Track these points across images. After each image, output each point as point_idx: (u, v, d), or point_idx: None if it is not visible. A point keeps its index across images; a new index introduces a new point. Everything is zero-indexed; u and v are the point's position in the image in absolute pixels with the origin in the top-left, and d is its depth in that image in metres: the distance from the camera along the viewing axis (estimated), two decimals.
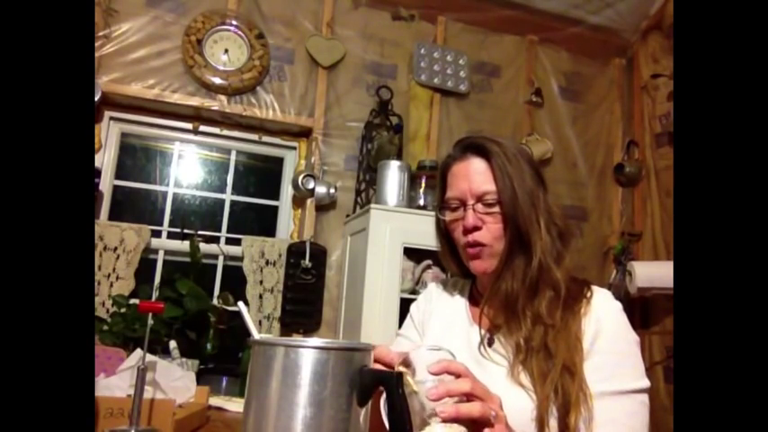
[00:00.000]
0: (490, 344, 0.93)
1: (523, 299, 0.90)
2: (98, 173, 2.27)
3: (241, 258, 2.38)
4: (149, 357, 1.24)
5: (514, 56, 2.93)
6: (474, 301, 1.04)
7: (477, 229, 0.93)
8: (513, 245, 0.91)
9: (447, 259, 1.05)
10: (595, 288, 0.93)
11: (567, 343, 0.84)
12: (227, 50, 2.41)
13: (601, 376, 0.83)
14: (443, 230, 1.02)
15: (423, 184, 2.34)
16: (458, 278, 1.11)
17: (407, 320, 1.13)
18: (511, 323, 0.91)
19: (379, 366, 0.76)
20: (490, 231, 0.93)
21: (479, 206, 0.93)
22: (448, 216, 0.98)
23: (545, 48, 2.99)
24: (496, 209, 0.92)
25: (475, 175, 0.94)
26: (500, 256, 0.92)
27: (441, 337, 1.02)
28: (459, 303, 1.06)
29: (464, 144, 1.00)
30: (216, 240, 2.47)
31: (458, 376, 0.66)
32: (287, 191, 2.59)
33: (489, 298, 0.95)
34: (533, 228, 0.90)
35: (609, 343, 0.86)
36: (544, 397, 0.81)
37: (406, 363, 0.73)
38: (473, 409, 0.64)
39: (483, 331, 0.95)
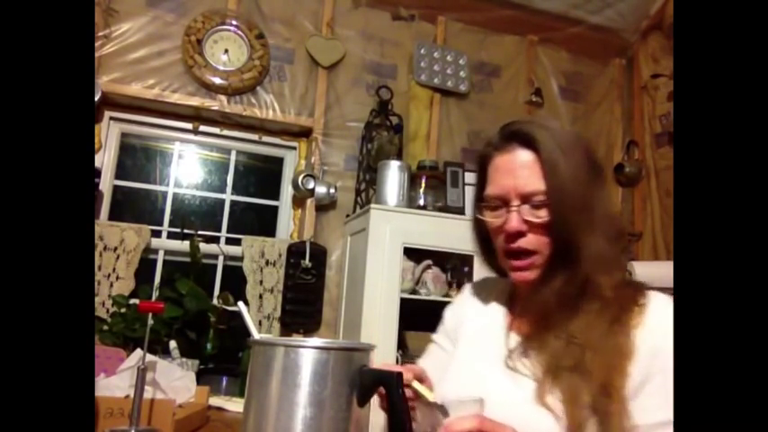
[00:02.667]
0: (525, 355, 0.81)
1: (560, 313, 0.79)
2: (98, 173, 2.27)
3: (241, 258, 2.38)
4: (149, 357, 1.24)
5: (514, 56, 2.93)
6: (514, 304, 0.93)
7: (521, 234, 0.80)
8: (558, 252, 0.79)
9: (484, 258, 0.94)
10: (652, 294, 0.79)
11: (606, 361, 0.73)
12: (227, 50, 2.41)
13: (662, 401, 0.69)
14: (480, 229, 0.90)
15: (423, 184, 2.34)
16: (498, 277, 0.98)
17: (440, 326, 1.03)
18: (544, 338, 0.80)
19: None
20: (537, 237, 0.80)
21: (525, 208, 0.80)
22: (487, 216, 0.85)
23: (545, 48, 2.98)
24: (545, 211, 0.79)
25: (521, 171, 0.80)
26: (544, 263, 0.81)
27: (473, 344, 0.93)
28: (497, 307, 0.94)
29: (509, 131, 0.85)
30: (216, 240, 2.47)
31: None
32: (287, 191, 2.59)
33: (524, 308, 0.86)
34: (584, 232, 0.77)
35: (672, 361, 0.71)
36: (575, 424, 0.70)
37: (420, 379, 0.73)
38: None
39: (519, 339, 0.84)
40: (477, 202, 0.88)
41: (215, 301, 2.28)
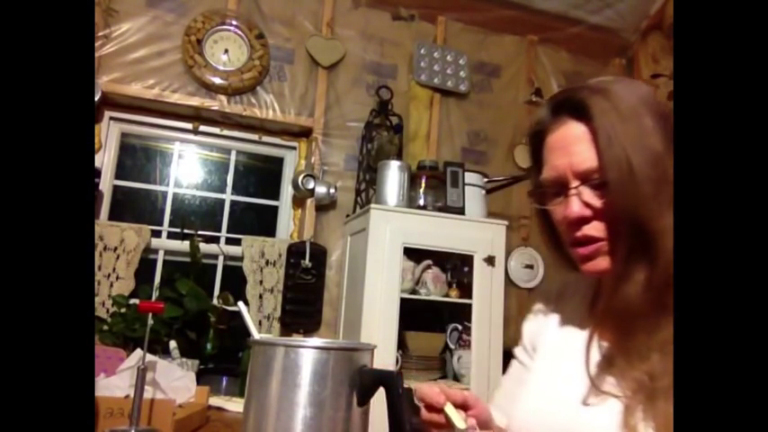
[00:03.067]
0: (610, 369, 0.68)
1: (648, 315, 0.65)
2: (98, 173, 2.27)
3: (241, 258, 2.38)
4: (149, 357, 1.24)
5: (514, 56, 2.93)
6: (596, 305, 0.80)
7: (585, 221, 0.69)
8: (630, 241, 0.65)
9: (554, 253, 0.80)
10: None
11: None
12: (227, 50, 2.41)
13: None
14: (545, 222, 0.78)
15: (423, 184, 2.34)
16: (580, 276, 0.83)
17: (520, 339, 0.91)
18: (631, 350, 0.66)
19: (422, 409, 0.70)
20: (604, 221, 0.68)
21: (585, 189, 0.68)
22: (548, 204, 0.74)
23: (545, 48, 2.99)
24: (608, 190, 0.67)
25: (575, 146, 0.69)
26: (619, 254, 0.68)
27: (551, 356, 0.80)
28: (579, 311, 0.82)
29: (558, 101, 0.73)
30: (216, 240, 2.47)
31: None
32: (287, 191, 2.59)
33: (605, 310, 0.71)
34: (662, 212, 0.63)
35: None
36: None
37: (462, 405, 0.69)
38: None
39: (603, 350, 0.72)
40: (535, 189, 0.77)
41: (215, 301, 2.28)
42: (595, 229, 0.68)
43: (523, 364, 0.87)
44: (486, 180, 2.42)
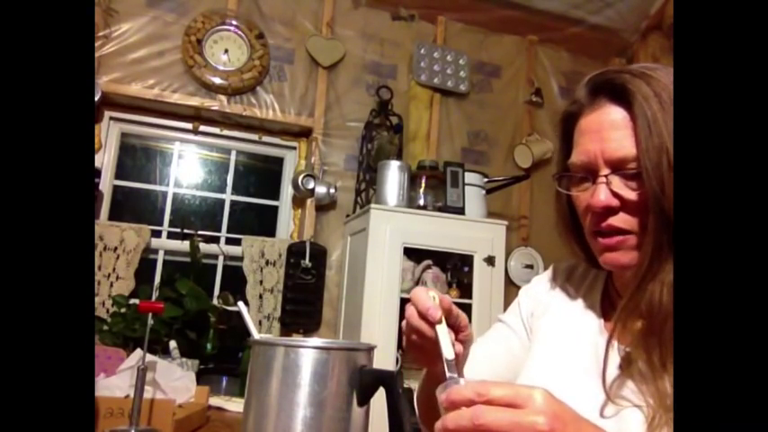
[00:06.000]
0: (630, 376, 0.64)
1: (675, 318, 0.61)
2: (98, 173, 2.27)
3: (241, 258, 2.38)
4: (149, 357, 1.24)
5: (514, 56, 2.93)
6: (610, 302, 0.75)
7: (611, 211, 0.65)
8: (662, 236, 0.61)
9: (570, 242, 0.77)
10: None
11: None
12: (227, 50, 2.41)
13: None
14: (565, 204, 0.74)
15: (423, 184, 2.34)
16: (587, 267, 0.80)
17: (513, 306, 0.87)
18: (654, 357, 0.61)
19: (412, 311, 0.63)
20: (632, 214, 0.65)
21: (616, 178, 0.65)
22: (572, 189, 0.71)
23: (545, 48, 2.99)
24: (641, 182, 0.63)
25: (610, 132, 0.65)
26: (646, 249, 0.63)
27: (556, 348, 0.75)
28: (588, 304, 0.77)
29: (597, 82, 0.70)
30: (216, 240, 2.47)
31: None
32: (287, 191, 2.59)
33: (625, 314, 0.65)
34: None
35: None
36: None
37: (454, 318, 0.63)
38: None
39: (621, 353, 0.67)
40: (560, 172, 0.73)
41: (215, 301, 2.28)
42: (621, 220, 0.65)
43: (515, 332, 0.83)
44: (486, 180, 2.42)
